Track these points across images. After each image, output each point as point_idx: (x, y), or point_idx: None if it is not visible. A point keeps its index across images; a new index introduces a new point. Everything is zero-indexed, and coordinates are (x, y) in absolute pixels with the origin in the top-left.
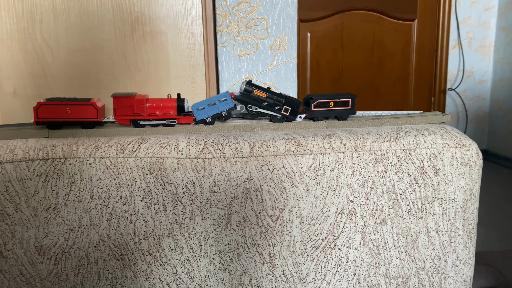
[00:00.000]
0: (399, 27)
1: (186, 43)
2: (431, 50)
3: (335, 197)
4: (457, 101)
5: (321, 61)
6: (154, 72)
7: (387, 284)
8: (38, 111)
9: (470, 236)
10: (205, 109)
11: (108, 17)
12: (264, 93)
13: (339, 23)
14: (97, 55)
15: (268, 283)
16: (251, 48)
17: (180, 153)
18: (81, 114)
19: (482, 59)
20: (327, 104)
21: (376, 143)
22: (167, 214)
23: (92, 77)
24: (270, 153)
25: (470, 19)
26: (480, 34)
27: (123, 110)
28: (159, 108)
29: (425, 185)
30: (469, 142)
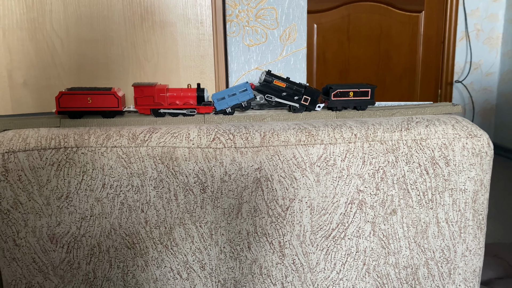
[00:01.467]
0: (406, 18)
1: (195, 33)
2: (438, 42)
3: (345, 187)
4: (464, 94)
5: (327, 52)
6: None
7: (397, 274)
8: (60, 100)
9: (480, 226)
10: (225, 99)
11: (118, 7)
12: (283, 83)
13: (346, 14)
14: (107, 46)
15: (278, 272)
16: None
17: (191, 143)
18: (102, 103)
19: (489, 51)
20: (346, 94)
21: (387, 133)
22: (178, 203)
23: (101, 67)
24: (281, 143)
25: (478, 11)
26: (488, 26)
27: (144, 100)
28: (179, 97)
29: (436, 175)
30: (480, 132)
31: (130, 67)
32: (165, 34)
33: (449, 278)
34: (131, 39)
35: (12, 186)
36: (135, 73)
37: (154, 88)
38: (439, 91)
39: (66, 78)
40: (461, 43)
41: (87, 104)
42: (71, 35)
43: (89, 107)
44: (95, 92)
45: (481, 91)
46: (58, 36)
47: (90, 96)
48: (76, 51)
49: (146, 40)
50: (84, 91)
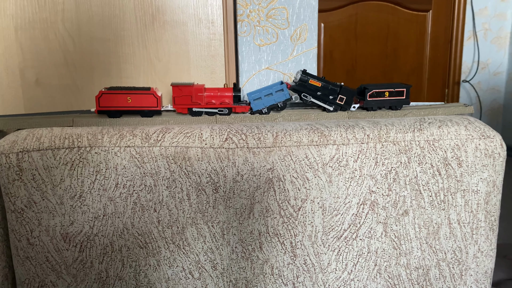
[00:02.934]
0: (413, 18)
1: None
2: (445, 41)
3: (357, 188)
4: (471, 93)
5: (334, 51)
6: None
7: (408, 275)
8: (100, 100)
9: (492, 228)
10: (261, 99)
11: (129, 7)
12: (319, 82)
13: (353, 13)
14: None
15: (290, 272)
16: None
17: (204, 143)
18: (142, 103)
19: (497, 51)
20: (382, 94)
21: (400, 134)
22: (190, 203)
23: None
24: (293, 143)
25: (486, 10)
26: (496, 25)
27: (182, 99)
28: (216, 97)
29: (448, 176)
30: (493, 133)
31: (142, 66)
32: (176, 33)
33: (460, 279)
34: (142, 39)
35: (26, 185)
36: (147, 72)
37: (192, 87)
38: (446, 90)
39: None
40: (468, 42)
41: (126, 103)
42: (83, 34)
43: (129, 107)
44: (135, 92)
45: (488, 90)
46: (70, 35)
47: (130, 95)
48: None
49: (157, 40)
50: (123, 90)
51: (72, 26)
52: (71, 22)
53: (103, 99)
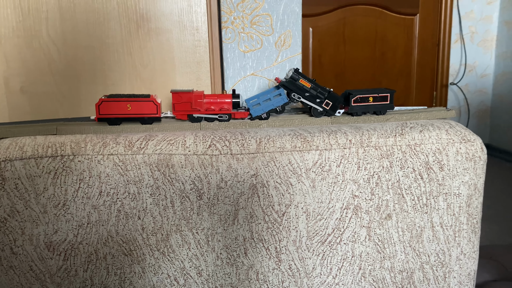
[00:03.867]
0: (401, 21)
1: (191, 40)
2: (433, 45)
3: (340, 192)
4: (459, 96)
5: (323, 56)
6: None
7: (392, 278)
8: (100, 107)
9: (474, 230)
10: (260, 105)
11: (114, 14)
12: (309, 84)
13: (341, 17)
14: (103, 52)
15: (275, 277)
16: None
17: (187, 150)
18: (142, 110)
19: (484, 53)
20: (366, 99)
21: (382, 139)
22: (174, 210)
23: (98, 74)
24: (277, 149)
25: (472, 13)
26: (482, 28)
27: (182, 106)
28: (216, 103)
29: (430, 180)
30: (473, 137)
31: (127, 74)
32: (161, 40)
33: (444, 281)
34: (127, 46)
35: (9, 194)
36: (132, 79)
37: (192, 94)
38: (434, 93)
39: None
40: (456, 45)
41: (126, 110)
42: (67, 42)
43: (129, 114)
44: (135, 99)
45: (476, 93)
46: (54, 43)
47: (130, 103)
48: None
49: (142, 47)
50: (123, 98)
51: (56, 34)
52: (55, 30)
53: (103, 107)
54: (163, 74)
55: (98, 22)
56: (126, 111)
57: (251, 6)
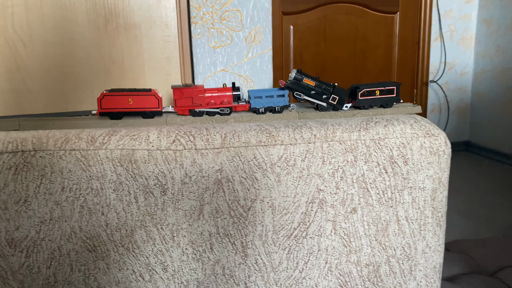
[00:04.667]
0: (381, 19)
1: (160, 35)
2: (413, 43)
3: (306, 186)
4: (439, 93)
5: (304, 54)
6: (129, 64)
7: (359, 272)
8: (101, 101)
9: (440, 224)
10: (262, 99)
11: (81, 10)
12: (313, 82)
13: (322, 16)
14: (72, 48)
15: (241, 272)
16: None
17: (150, 145)
18: (143, 104)
19: (464, 51)
20: (373, 93)
21: (346, 133)
22: (138, 206)
23: (67, 70)
24: (242, 144)
25: (451, 12)
26: (461, 26)
27: (183, 101)
28: (216, 97)
29: (395, 174)
30: (437, 131)
31: (96, 70)
32: (129, 36)
33: (410, 274)
34: (96, 42)
35: None
36: (101, 75)
37: (193, 89)
38: (415, 91)
39: (31, 81)
40: (435, 43)
41: (128, 105)
42: (34, 38)
43: (131, 108)
44: (136, 93)
45: (456, 90)
46: (21, 39)
47: (132, 97)
48: (41, 54)
49: (111, 43)
50: (124, 92)
51: (22, 30)
52: (21, 26)
53: (105, 101)
54: (133, 70)
55: (66, 17)
56: (127, 105)
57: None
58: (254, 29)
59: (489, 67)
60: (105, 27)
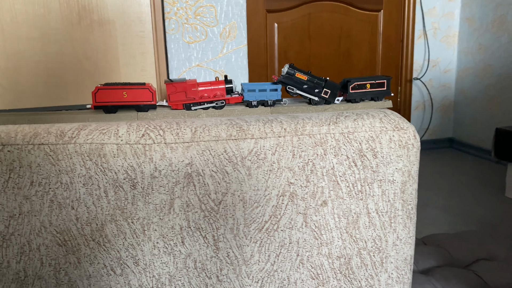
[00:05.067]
0: (365, 17)
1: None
2: (397, 40)
3: (276, 180)
4: (423, 90)
5: (289, 51)
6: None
7: (330, 264)
8: (96, 95)
9: (410, 216)
10: (255, 92)
11: (54, 5)
12: (305, 76)
13: (306, 13)
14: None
15: (213, 265)
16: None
17: (119, 139)
18: (137, 97)
19: (447, 49)
20: (364, 86)
21: (316, 127)
22: (108, 200)
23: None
24: (212, 138)
25: (434, 10)
26: (444, 24)
27: (177, 95)
28: (209, 91)
29: (364, 167)
30: (406, 125)
31: (70, 65)
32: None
33: (381, 267)
34: (69, 37)
35: None
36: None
37: (186, 83)
38: (399, 88)
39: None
40: (419, 41)
41: (122, 98)
42: (6, 34)
43: (125, 101)
44: (130, 87)
45: (439, 87)
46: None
47: (126, 90)
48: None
49: (84, 38)
50: (119, 85)
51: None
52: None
53: (99, 95)
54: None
55: (39, 13)
56: (122, 98)
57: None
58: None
59: (472, 65)
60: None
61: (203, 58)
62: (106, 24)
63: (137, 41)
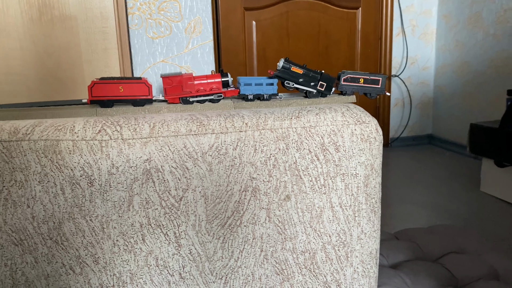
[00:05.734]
0: (344, 15)
1: (97, 27)
2: (375, 38)
3: (238, 175)
4: (402, 88)
5: (267, 49)
6: (66, 56)
7: (295, 259)
8: (92, 89)
9: (374, 210)
10: (251, 86)
11: (13, 1)
12: (300, 70)
13: (284, 11)
14: (3, 40)
15: (175, 263)
16: (165, 31)
17: (75, 135)
18: (133, 92)
19: (425, 46)
20: (357, 80)
21: (277, 122)
22: (65, 198)
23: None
24: (171, 134)
25: (412, 7)
26: (422, 21)
27: (173, 89)
28: (206, 84)
29: (327, 161)
30: (368, 119)
31: (31, 62)
32: (65, 28)
33: (346, 261)
34: (29, 33)
35: None
36: (37, 67)
37: (182, 77)
38: None
39: None
40: (397, 38)
41: (119, 92)
42: None
43: (121, 96)
44: (126, 81)
45: (418, 85)
46: None
47: (122, 85)
48: None
49: (46, 35)
50: (115, 80)
51: None
52: None
53: (95, 89)
54: (69, 61)
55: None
56: (118, 93)
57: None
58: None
59: (450, 62)
60: (39, 19)
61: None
62: (68, 20)
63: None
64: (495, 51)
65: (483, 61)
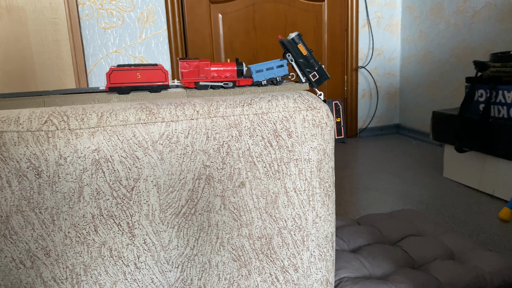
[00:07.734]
0: (309, 7)
1: (47, 18)
2: (342, 30)
3: (191, 163)
4: (369, 79)
5: (234, 42)
6: (14, 48)
7: (251, 245)
8: (110, 76)
9: (328, 194)
10: (263, 72)
11: None
12: (305, 51)
13: (250, 4)
14: None
15: (130, 253)
16: (117, 21)
17: (20, 127)
18: (150, 78)
19: (390, 38)
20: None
21: (229, 109)
22: (12, 190)
23: None
24: (119, 123)
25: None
26: (387, 13)
27: (190, 74)
28: (221, 71)
29: (280, 147)
30: (320, 105)
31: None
32: (13, 19)
33: (303, 245)
34: None
35: None
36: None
37: (200, 62)
38: (345, 77)
39: None
40: (363, 30)
41: (136, 79)
42: None
43: (139, 82)
44: (144, 68)
45: (385, 75)
46: None
47: (139, 71)
48: None
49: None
50: (132, 67)
51: None
52: None
53: (113, 76)
54: (18, 54)
55: None
56: (136, 79)
57: None
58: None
59: (414, 52)
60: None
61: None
62: (15, 10)
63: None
64: (456, 41)
65: (445, 51)
